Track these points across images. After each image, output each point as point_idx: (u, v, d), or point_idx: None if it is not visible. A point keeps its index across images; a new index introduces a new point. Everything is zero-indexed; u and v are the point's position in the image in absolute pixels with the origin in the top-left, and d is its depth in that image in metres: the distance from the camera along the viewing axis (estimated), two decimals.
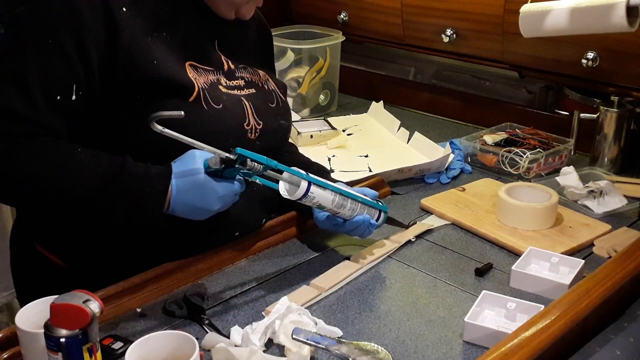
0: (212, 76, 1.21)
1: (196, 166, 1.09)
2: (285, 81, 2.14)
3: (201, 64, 1.19)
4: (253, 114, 1.24)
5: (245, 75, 1.28)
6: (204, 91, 1.16)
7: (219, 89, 1.20)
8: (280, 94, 1.35)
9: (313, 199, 1.15)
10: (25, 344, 0.92)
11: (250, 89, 1.27)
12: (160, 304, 1.14)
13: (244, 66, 1.29)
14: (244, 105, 1.23)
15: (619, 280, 1.08)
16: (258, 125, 1.24)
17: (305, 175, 1.15)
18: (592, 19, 1.32)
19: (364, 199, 1.25)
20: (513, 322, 1.07)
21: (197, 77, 1.17)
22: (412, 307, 1.15)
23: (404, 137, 1.92)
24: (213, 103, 1.17)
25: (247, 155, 1.07)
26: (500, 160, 1.69)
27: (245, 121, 1.22)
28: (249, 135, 1.22)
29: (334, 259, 1.30)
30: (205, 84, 1.18)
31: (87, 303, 0.84)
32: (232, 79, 1.24)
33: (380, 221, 1.30)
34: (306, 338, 0.99)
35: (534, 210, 1.39)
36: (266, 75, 1.33)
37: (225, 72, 1.24)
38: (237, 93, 1.24)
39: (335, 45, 2.17)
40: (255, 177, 1.11)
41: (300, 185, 1.13)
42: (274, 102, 1.31)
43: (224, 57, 1.25)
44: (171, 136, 1.03)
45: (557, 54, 1.74)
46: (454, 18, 1.95)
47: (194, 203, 1.10)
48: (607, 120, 1.68)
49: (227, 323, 1.10)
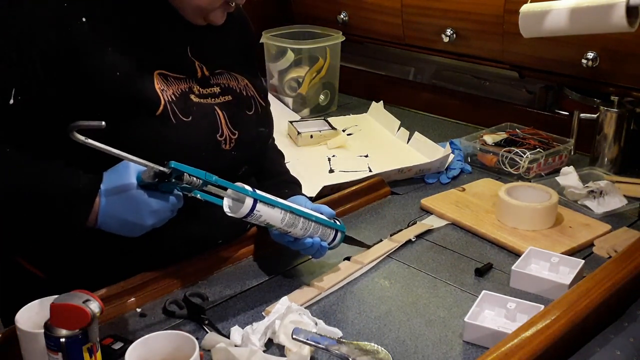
0: (184, 85, 1.16)
1: (128, 179, 1.03)
2: (285, 81, 2.14)
3: (172, 72, 1.15)
4: (227, 123, 1.19)
5: (222, 82, 1.23)
6: (172, 104, 1.11)
7: (190, 99, 1.15)
8: (260, 100, 1.29)
9: (259, 217, 1.07)
10: (25, 344, 0.92)
11: (226, 96, 1.22)
12: (160, 304, 1.14)
13: (221, 72, 1.24)
14: (216, 115, 1.18)
15: (619, 280, 1.08)
16: (233, 135, 1.19)
17: (250, 192, 1.06)
18: (592, 19, 1.32)
19: (319, 218, 1.17)
20: (513, 322, 1.07)
21: (165, 89, 1.12)
22: (412, 307, 1.15)
23: (404, 137, 1.92)
24: (182, 116, 1.12)
25: (183, 169, 1.00)
26: (500, 160, 1.69)
27: (219, 132, 1.17)
28: (223, 146, 1.18)
29: (334, 259, 1.30)
30: (175, 94, 1.13)
31: (87, 303, 0.84)
32: (206, 87, 1.19)
33: (336, 242, 1.22)
34: (306, 338, 0.99)
35: (534, 210, 1.39)
36: (245, 81, 1.28)
37: (199, 80, 1.19)
38: (211, 102, 1.19)
39: (335, 45, 2.17)
40: (195, 191, 1.04)
41: (245, 203, 1.05)
42: (252, 109, 1.26)
43: (198, 64, 1.20)
44: (95, 147, 0.95)
45: (557, 54, 1.74)
46: (454, 18, 1.95)
47: (125, 217, 1.03)
48: (607, 120, 1.68)
49: (227, 323, 1.10)
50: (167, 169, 1.00)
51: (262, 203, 1.07)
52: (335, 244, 1.23)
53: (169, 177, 1.00)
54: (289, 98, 2.16)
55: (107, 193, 1.03)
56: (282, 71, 2.16)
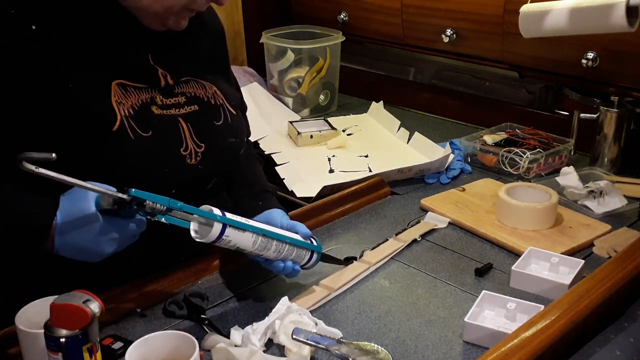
0: (145, 95, 1.10)
1: (86, 204, 0.95)
2: (285, 81, 2.14)
3: (132, 82, 1.08)
4: (192, 136, 1.13)
5: (188, 90, 1.16)
6: (129, 119, 1.05)
7: (151, 110, 1.09)
8: (229, 108, 1.22)
9: (229, 242, 1.03)
10: (25, 344, 0.92)
11: (192, 106, 1.15)
12: (160, 304, 1.14)
13: (187, 79, 1.17)
14: (180, 128, 1.12)
15: (619, 280, 1.08)
16: (199, 149, 1.13)
17: (219, 217, 1.00)
18: (592, 19, 1.31)
19: (293, 239, 1.12)
20: (513, 322, 1.07)
21: (122, 101, 1.06)
22: (412, 307, 1.15)
23: (404, 137, 1.92)
24: (141, 131, 1.06)
25: (144, 197, 0.94)
26: (500, 160, 1.69)
27: (182, 146, 1.11)
28: (188, 161, 1.12)
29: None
30: (134, 107, 1.07)
31: (87, 303, 0.84)
32: (170, 96, 1.13)
33: (311, 262, 1.17)
34: (306, 338, 0.99)
35: (534, 210, 1.39)
36: (214, 88, 1.21)
37: (162, 89, 1.12)
38: (175, 112, 1.13)
39: (335, 45, 2.17)
40: (160, 216, 0.98)
41: (213, 228, 1.00)
42: (220, 119, 1.19)
43: (161, 72, 1.13)
44: (46, 176, 0.88)
45: (557, 54, 1.74)
46: (454, 18, 1.95)
47: (82, 244, 0.96)
48: (607, 120, 1.68)
49: (227, 323, 1.10)
50: (126, 197, 0.93)
51: (232, 227, 1.02)
52: (310, 264, 1.17)
53: (129, 204, 0.94)
54: (289, 98, 2.16)
55: (63, 220, 0.96)
56: (282, 71, 2.16)
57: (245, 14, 2.37)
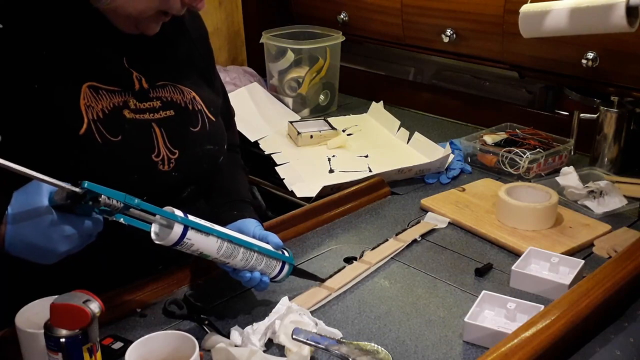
0: (118, 98, 1.07)
1: (39, 200, 0.90)
2: (285, 81, 2.14)
3: (104, 84, 1.06)
4: (165, 142, 1.10)
5: (164, 95, 1.13)
6: (97, 123, 1.03)
7: (122, 114, 1.07)
8: (208, 115, 1.19)
9: (191, 246, 0.98)
10: (25, 344, 0.92)
11: (167, 111, 1.12)
12: (160, 304, 1.14)
13: (164, 84, 1.14)
14: (152, 133, 1.09)
15: (619, 280, 1.08)
16: (172, 155, 1.10)
17: (180, 218, 0.95)
18: (592, 19, 1.31)
19: (263, 248, 1.08)
20: (513, 322, 1.07)
21: (92, 104, 1.04)
22: (412, 307, 1.15)
23: (404, 137, 1.92)
24: (109, 135, 1.04)
25: (99, 191, 0.89)
26: (500, 160, 1.69)
27: (154, 152, 1.09)
28: (160, 167, 1.09)
29: (334, 259, 1.30)
30: (105, 110, 1.05)
31: (87, 303, 0.84)
32: (144, 101, 1.10)
33: (282, 275, 1.12)
34: (306, 338, 0.99)
35: (534, 210, 1.39)
36: (192, 93, 1.18)
37: (136, 93, 1.10)
38: (148, 117, 1.10)
39: (335, 45, 2.17)
40: (118, 215, 0.93)
41: (173, 229, 0.95)
42: (197, 125, 1.16)
43: (135, 75, 1.11)
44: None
45: (557, 54, 1.74)
46: (454, 18, 1.95)
47: (34, 242, 0.90)
48: (607, 120, 1.68)
49: (227, 323, 1.10)
50: (79, 190, 0.88)
51: (195, 230, 0.97)
52: (281, 277, 1.13)
53: (83, 198, 0.89)
54: (289, 98, 2.16)
55: (14, 216, 0.91)
56: (282, 71, 2.16)
57: (245, 14, 2.38)
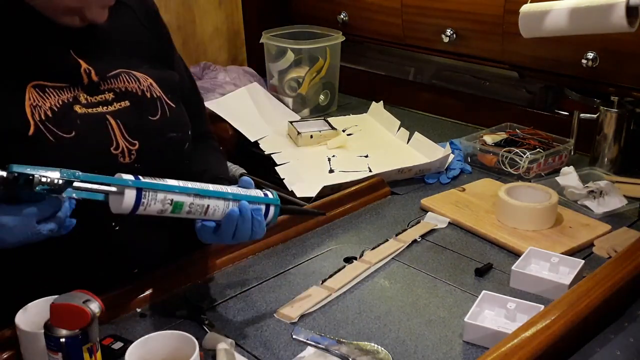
0: (67, 94, 1.04)
1: None
2: (285, 81, 2.14)
3: (50, 82, 1.03)
4: (123, 133, 1.07)
5: (117, 86, 1.10)
6: (46, 122, 1.00)
7: (73, 110, 1.04)
8: (167, 101, 1.15)
9: (155, 207, 0.92)
10: (25, 344, 0.92)
11: (122, 101, 1.09)
12: (160, 304, 1.14)
13: (117, 73, 1.11)
14: (108, 126, 1.06)
15: (619, 280, 1.08)
16: (132, 146, 1.07)
17: (131, 182, 0.90)
18: (592, 19, 1.31)
19: (238, 194, 1.00)
20: (513, 322, 1.07)
21: (39, 104, 1.01)
22: (412, 307, 1.15)
23: (404, 137, 1.92)
24: (61, 132, 1.01)
25: (30, 171, 0.85)
26: (500, 160, 1.69)
27: (113, 144, 1.06)
28: (120, 159, 1.06)
29: (334, 259, 1.30)
30: (53, 108, 1.02)
31: (87, 303, 0.84)
32: (95, 94, 1.07)
33: (269, 218, 1.05)
34: (306, 338, 0.99)
35: (534, 210, 1.39)
36: (149, 80, 1.14)
37: (86, 87, 1.07)
38: (102, 110, 1.07)
39: (335, 45, 2.17)
40: (68, 191, 0.88)
41: (125, 195, 0.90)
42: (157, 114, 1.12)
43: (84, 68, 1.07)
44: None
45: (557, 54, 1.74)
46: (454, 18, 1.95)
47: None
48: (607, 120, 1.68)
49: (227, 323, 1.10)
50: (6, 174, 0.84)
51: (151, 191, 0.92)
52: (268, 220, 1.05)
53: (16, 182, 0.85)
54: (289, 98, 2.16)
55: None
56: (282, 71, 2.16)
57: (245, 14, 2.38)
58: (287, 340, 1.05)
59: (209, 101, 2.04)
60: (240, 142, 1.95)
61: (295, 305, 1.13)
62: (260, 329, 1.08)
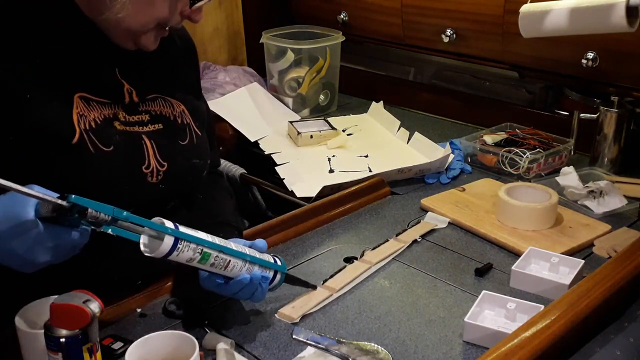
0: (108, 110, 1.08)
1: (23, 208, 0.87)
2: (285, 81, 2.14)
3: (95, 96, 1.07)
4: (155, 154, 1.11)
5: (153, 109, 1.15)
6: (90, 132, 1.03)
7: (113, 126, 1.08)
8: (195, 129, 1.20)
9: (186, 254, 0.96)
10: (25, 344, 0.92)
11: (156, 124, 1.14)
12: (160, 304, 1.14)
13: (154, 97, 1.16)
14: (143, 145, 1.10)
15: (619, 280, 1.08)
16: (161, 167, 1.11)
17: (170, 230, 0.94)
18: (592, 19, 1.31)
19: (255, 257, 1.06)
20: (513, 322, 1.07)
21: (85, 114, 1.04)
22: (412, 307, 1.15)
23: (404, 137, 1.92)
24: (101, 145, 1.04)
25: (85, 204, 0.87)
26: (500, 160, 1.69)
27: (145, 163, 1.09)
28: (149, 179, 1.10)
29: (334, 259, 1.30)
30: (97, 120, 1.05)
31: (87, 303, 0.84)
32: (133, 114, 1.11)
33: (274, 283, 1.10)
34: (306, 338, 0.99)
35: (534, 210, 1.39)
36: (181, 107, 1.19)
37: (126, 106, 1.11)
38: (138, 130, 1.11)
39: (335, 45, 2.17)
40: (106, 227, 0.91)
41: (164, 241, 0.93)
42: (185, 139, 1.17)
43: (127, 87, 1.12)
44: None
45: (557, 54, 1.74)
46: (454, 18, 1.95)
47: (15, 250, 0.87)
48: (607, 120, 1.68)
49: (227, 323, 1.10)
50: (66, 203, 0.86)
51: (185, 242, 0.96)
52: (273, 285, 1.10)
53: (70, 211, 0.87)
54: (289, 98, 2.16)
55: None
56: (282, 71, 2.16)
57: (245, 14, 2.37)
58: (287, 340, 1.05)
59: (209, 101, 2.04)
60: (240, 142, 1.95)
61: (296, 305, 1.13)
62: (260, 329, 1.08)
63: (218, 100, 2.06)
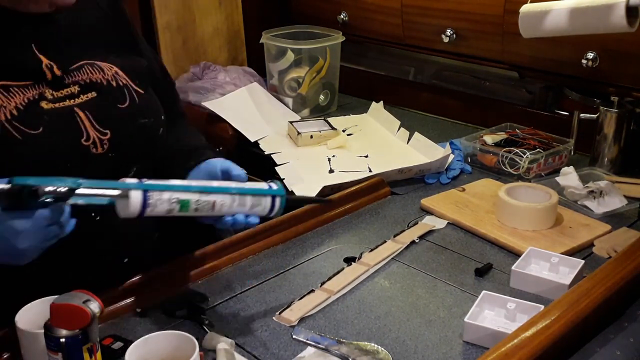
0: (31, 92, 1.03)
1: None
2: (285, 81, 2.14)
3: (14, 81, 1.02)
4: (93, 124, 1.07)
5: (82, 78, 1.09)
6: (12, 121, 1.00)
7: (40, 107, 1.03)
8: (135, 88, 1.14)
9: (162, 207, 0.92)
10: (25, 344, 0.92)
11: (88, 93, 1.09)
12: (160, 304, 1.14)
13: (80, 65, 1.10)
14: (76, 117, 1.06)
15: (619, 280, 1.08)
16: (104, 136, 1.07)
17: (134, 184, 0.91)
18: (592, 19, 1.31)
19: (243, 188, 1.00)
20: (513, 322, 1.07)
21: (5, 104, 1.00)
22: (412, 307, 1.15)
23: (404, 137, 1.92)
24: (28, 129, 1.00)
25: (33, 182, 0.85)
26: (500, 160, 1.69)
27: (83, 136, 1.05)
28: (93, 150, 1.06)
29: (334, 259, 1.30)
30: (19, 106, 1.01)
31: (87, 303, 0.84)
32: (61, 88, 1.06)
33: (276, 210, 1.04)
34: (306, 338, 0.99)
35: (534, 210, 1.39)
36: (114, 69, 1.13)
37: (50, 82, 1.06)
38: (69, 104, 1.06)
39: (335, 45, 2.17)
40: (74, 198, 0.88)
41: (131, 198, 0.90)
42: (125, 101, 1.12)
43: (46, 63, 1.06)
44: None
45: (557, 54, 1.74)
46: (454, 18, 1.95)
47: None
48: (607, 121, 1.68)
49: (227, 323, 1.10)
50: (9, 186, 0.84)
51: (156, 192, 0.92)
52: (276, 211, 1.05)
53: (21, 195, 0.85)
54: (289, 98, 2.16)
55: None
56: (282, 71, 2.16)
57: (245, 14, 2.38)
58: (287, 340, 1.05)
59: (209, 101, 2.04)
60: (240, 142, 1.95)
61: (294, 308, 1.13)
62: (260, 329, 1.08)
63: (218, 100, 2.06)
